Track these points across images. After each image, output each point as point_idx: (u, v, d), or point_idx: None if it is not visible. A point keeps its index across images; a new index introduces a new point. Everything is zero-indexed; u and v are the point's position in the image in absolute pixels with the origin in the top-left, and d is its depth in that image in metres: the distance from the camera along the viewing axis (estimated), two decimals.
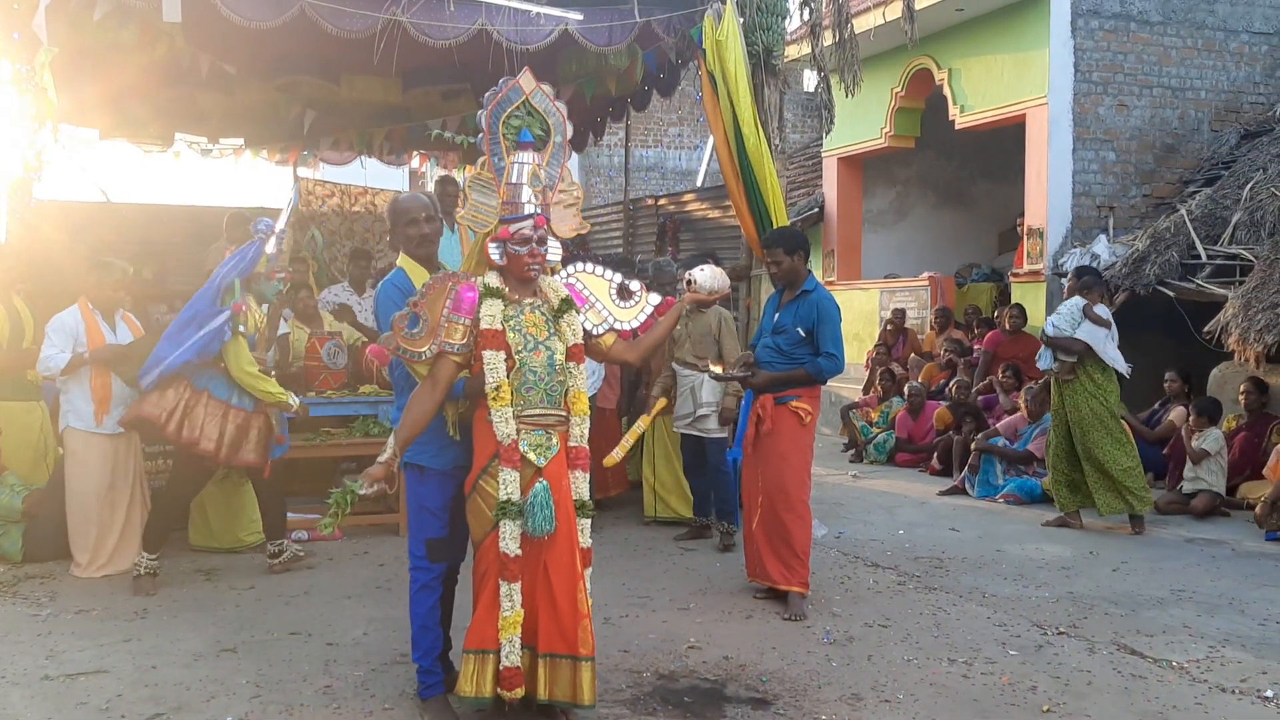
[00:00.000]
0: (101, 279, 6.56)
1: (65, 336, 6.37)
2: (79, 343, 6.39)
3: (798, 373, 5.85)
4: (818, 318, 5.83)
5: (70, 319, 6.44)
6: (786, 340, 5.90)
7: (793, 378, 5.86)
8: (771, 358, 5.94)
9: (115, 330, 6.58)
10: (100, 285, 6.55)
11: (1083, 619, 5.67)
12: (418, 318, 3.98)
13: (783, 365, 5.89)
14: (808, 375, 5.86)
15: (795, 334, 5.87)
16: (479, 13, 7.53)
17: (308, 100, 10.17)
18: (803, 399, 5.88)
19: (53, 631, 5.34)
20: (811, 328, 5.84)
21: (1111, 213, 11.48)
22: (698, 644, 5.19)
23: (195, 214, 11.59)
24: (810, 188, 15.90)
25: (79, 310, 6.48)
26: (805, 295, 5.93)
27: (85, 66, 8.56)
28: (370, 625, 5.44)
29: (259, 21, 7.18)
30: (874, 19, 11.67)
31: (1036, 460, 9.22)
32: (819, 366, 5.82)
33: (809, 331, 5.85)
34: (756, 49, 8.05)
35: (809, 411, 5.89)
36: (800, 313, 5.88)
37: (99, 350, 6.41)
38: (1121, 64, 11.55)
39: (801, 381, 5.88)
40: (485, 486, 3.99)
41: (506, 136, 4.07)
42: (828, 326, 5.83)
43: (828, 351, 5.80)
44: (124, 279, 6.70)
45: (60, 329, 6.39)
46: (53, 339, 6.37)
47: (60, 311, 6.52)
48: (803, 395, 5.89)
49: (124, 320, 6.72)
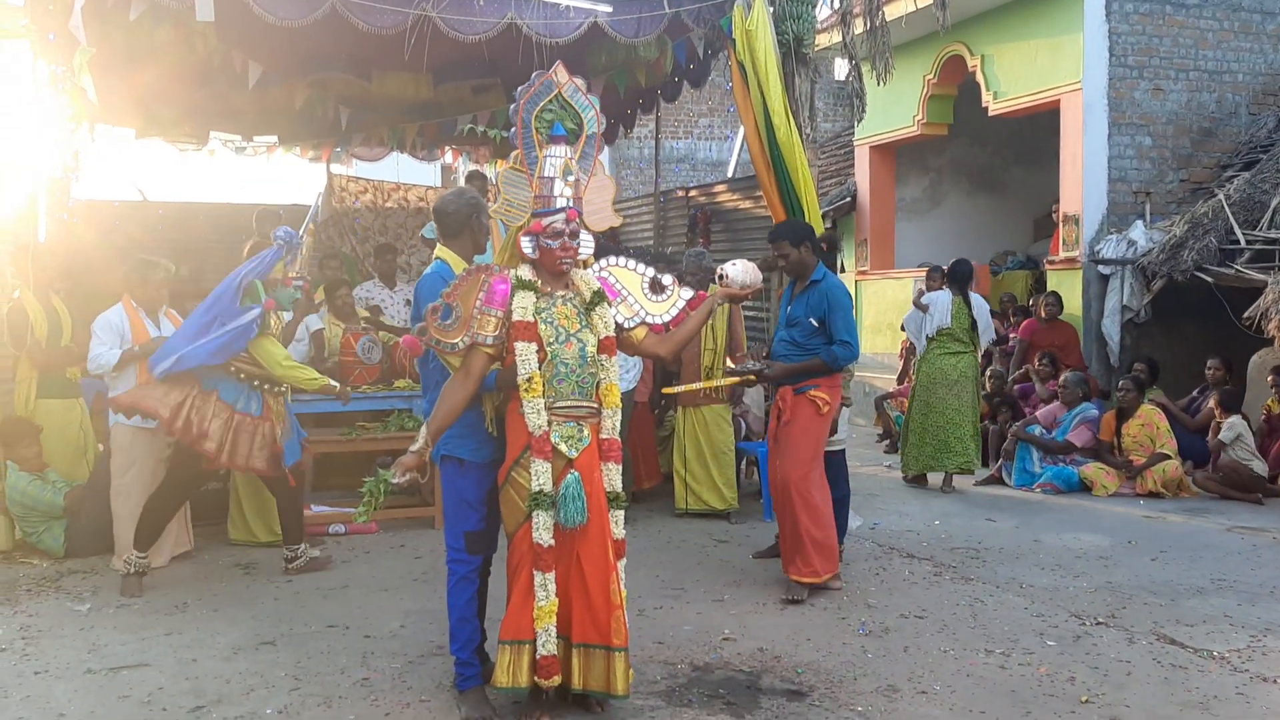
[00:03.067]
0: (147, 277, 6.61)
1: (112, 334, 6.44)
2: (125, 339, 6.45)
3: (814, 362, 5.88)
4: (828, 306, 5.87)
5: (115, 317, 6.50)
6: (801, 332, 5.95)
7: (808, 368, 5.89)
8: (788, 350, 5.99)
9: (159, 327, 6.64)
10: (145, 283, 6.60)
11: (1121, 609, 5.63)
12: (451, 309, 4.00)
13: (798, 356, 5.93)
14: (823, 364, 5.87)
15: (809, 325, 5.92)
16: (508, 6, 7.56)
17: (340, 97, 10.23)
18: (821, 388, 5.89)
19: (95, 625, 5.42)
20: (823, 317, 5.88)
21: (1148, 198, 11.33)
22: (732, 635, 5.19)
23: (230, 211, 11.74)
24: (843, 177, 15.80)
25: (123, 308, 6.55)
26: (814, 285, 5.97)
27: (120, 67, 8.65)
28: (407, 618, 5.48)
29: (291, 20, 7.24)
30: (905, 6, 11.55)
31: (1075, 449, 9.15)
32: (834, 354, 5.84)
33: (821, 321, 5.88)
34: (786, 38, 8.00)
35: (827, 401, 5.89)
36: (811, 303, 5.92)
37: (147, 344, 6.47)
38: (1157, 47, 11.39)
39: (819, 371, 5.90)
40: (518, 478, 4.01)
41: (539, 130, 4.08)
42: (839, 314, 5.86)
43: (841, 339, 5.84)
44: (168, 277, 6.77)
45: (107, 326, 6.45)
46: (101, 336, 6.42)
47: (102, 311, 6.59)
48: (821, 385, 5.90)
49: (167, 317, 6.79)
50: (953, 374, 8.91)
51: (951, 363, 8.94)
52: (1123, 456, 8.98)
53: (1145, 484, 8.70)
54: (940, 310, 8.95)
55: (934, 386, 8.95)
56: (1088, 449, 9.15)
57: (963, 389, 8.93)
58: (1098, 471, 8.86)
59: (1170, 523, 7.77)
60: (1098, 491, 8.74)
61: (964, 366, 8.97)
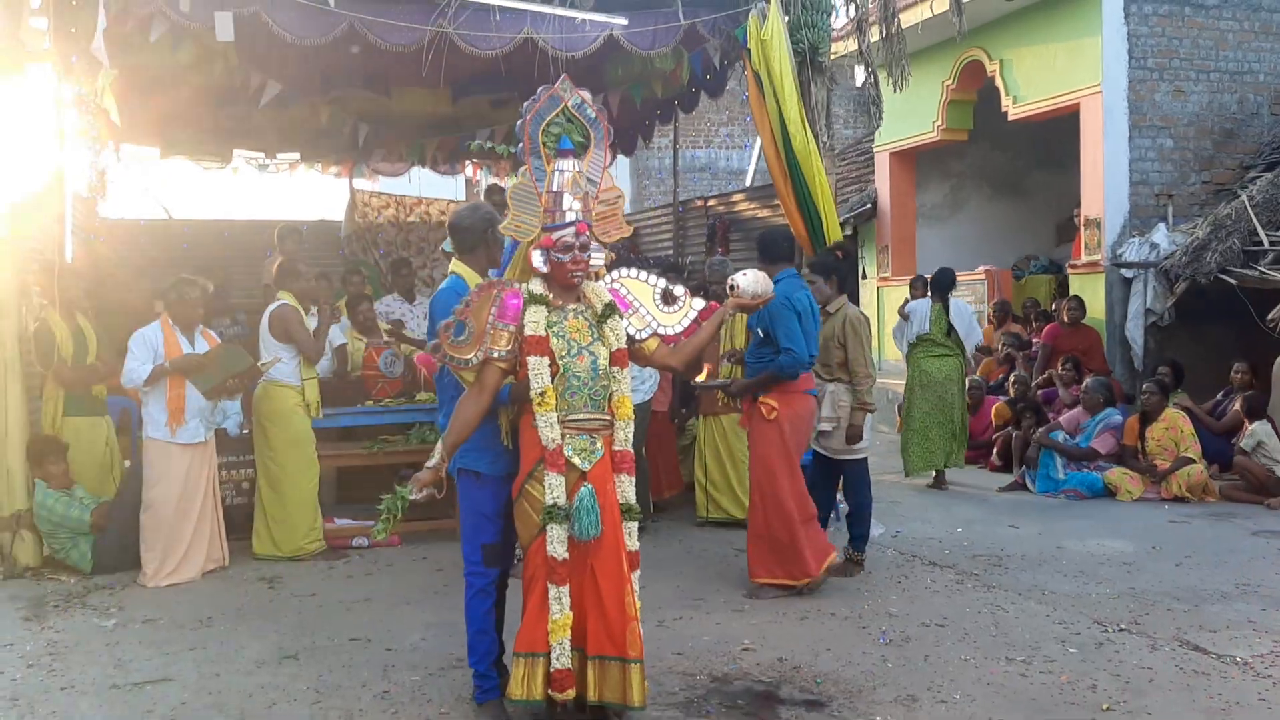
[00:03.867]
0: (184, 295, 6.76)
1: (146, 349, 6.59)
2: (158, 355, 6.59)
3: (765, 375, 6.06)
4: (769, 318, 5.99)
5: (151, 333, 6.67)
6: (754, 343, 6.20)
7: (762, 381, 6.09)
8: (749, 358, 6.29)
9: (194, 345, 6.77)
10: (182, 302, 6.75)
11: (1144, 615, 5.59)
12: (464, 325, 4.03)
13: (753, 364, 6.20)
14: (773, 376, 6.03)
15: (757, 335, 6.13)
16: (524, 21, 7.61)
17: (359, 114, 10.32)
18: (771, 395, 6.04)
19: (120, 641, 5.47)
20: (767, 328, 6.03)
21: (1170, 201, 11.27)
22: (752, 645, 5.19)
23: (255, 228, 11.82)
24: (864, 183, 15.79)
25: (160, 326, 6.70)
26: None
27: (143, 87, 8.77)
28: (428, 630, 5.51)
29: (309, 38, 7.32)
30: (921, 12, 11.56)
31: (1099, 456, 9.09)
32: (779, 365, 5.99)
33: (766, 332, 6.04)
34: (802, 47, 8.02)
35: (773, 408, 6.03)
36: (760, 313, 5.98)
37: (177, 360, 6.60)
38: (1177, 49, 11.33)
39: (773, 382, 6.05)
40: (531, 491, 4.03)
41: (546, 145, 4.10)
42: (779, 324, 5.99)
43: (784, 347, 5.96)
44: (205, 296, 6.89)
45: (142, 342, 6.61)
46: (135, 352, 6.58)
47: (130, 328, 6.75)
48: (772, 393, 6.05)
49: (202, 336, 6.89)
50: (938, 375, 9.34)
51: (936, 365, 9.35)
52: (1147, 461, 8.92)
53: (1170, 488, 8.64)
54: (919, 318, 9.42)
55: (917, 388, 9.40)
56: (1111, 456, 9.08)
57: (945, 389, 9.35)
58: (1122, 476, 8.80)
59: (1195, 527, 7.72)
60: (1122, 496, 8.69)
61: (948, 369, 9.38)
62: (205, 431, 6.75)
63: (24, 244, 6.98)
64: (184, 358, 6.62)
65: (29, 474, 6.78)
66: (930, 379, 9.33)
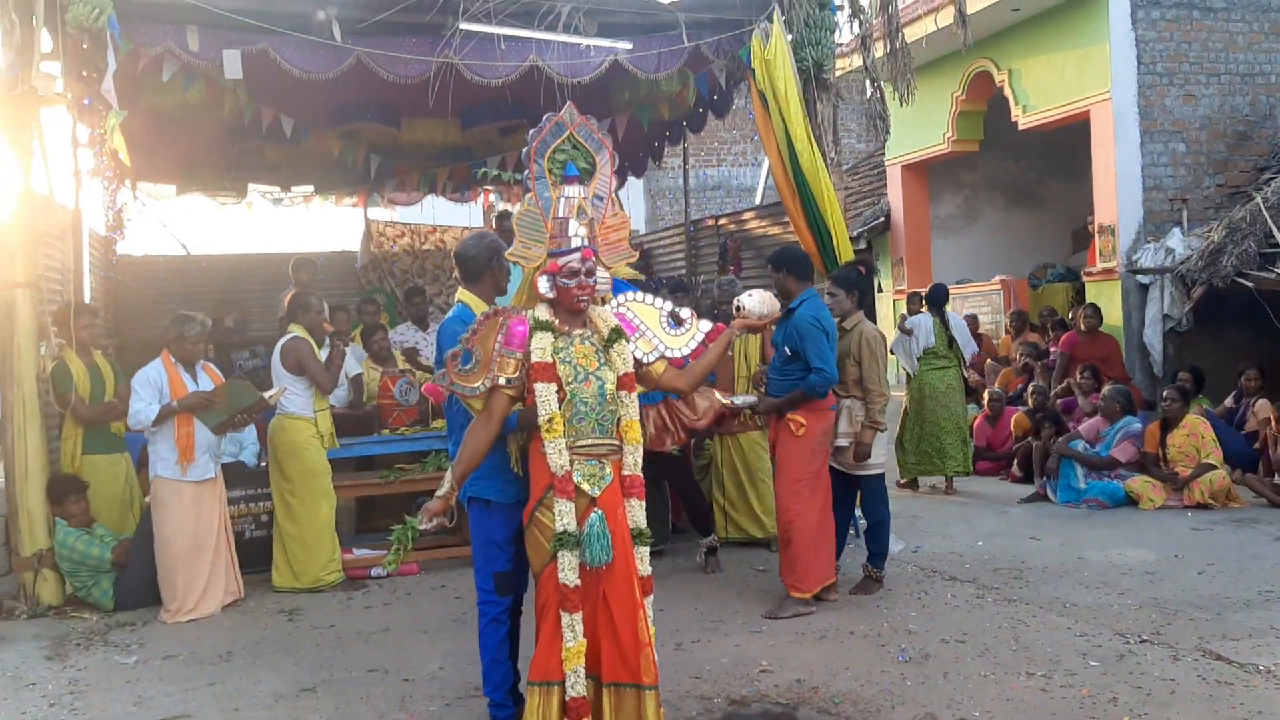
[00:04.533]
0: (183, 332, 6.78)
1: (151, 389, 6.61)
2: (164, 394, 6.61)
3: (795, 394, 6.12)
4: (799, 336, 6.05)
5: (154, 372, 6.68)
6: (778, 359, 6.24)
7: (791, 400, 6.14)
8: (773, 375, 6.30)
9: (197, 381, 6.80)
10: (181, 339, 6.77)
11: (1166, 625, 5.54)
12: (470, 353, 4.05)
13: (779, 382, 6.21)
14: (802, 395, 6.09)
15: (783, 352, 6.17)
16: (529, 49, 7.67)
17: (371, 145, 10.41)
18: (799, 412, 6.11)
19: (141, 678, 5.50)
20: (795, 347, 6.07)
21: (1185, 205, 11.22)
22: (770, 667, 5.16)
23: (272, 261, 11.90)
24: (877, 197, 15.78)
25: (162, 363, 6.72)
26: (790, 314, 6.15)
27: (158, 126, 8.89)
28: (446, 659, 5.51)
29: (318, 73, 7.41)
30: (926, 26, 11.58)
31: (1120, 465, 9.02)
32: (810, 384, 6.05)
33: (795, 350, 6.08)
34: (806, 65, 8.05)
35: (801, 424, 6.11)
36: (786, 332, 6.14)
37: (186, 398, 6.63)
38: (1186, 53, 11.30)
39: (802, 400, 6.11)
40: (541, 518, 4.02)
41: (552, 171, 4.12)
42: (809, 343, 6.03)
43: (815, 367, 6.01)
44: (204, 332, 6.92)
45: (146, 382, 6.63)
46: (139, 393, 6.60)
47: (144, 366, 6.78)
48: (799, 410, 6.12)
49: (205, 371, 6.93)
50: (940, 386, 9.65)
51: (938, 376, 9.67)
52: (1169, 468, 8.84)
53: (1193, 495, 8.56)
54: (924, 332, 9.73)
55: (925, 400, 9.67)
56: (1132, 464, 9.01)
57: (950, 399, 9.70)
58: (1144, 485, 8.73)
59: (1217, 534, 7.65)
60: (1144, 505, 8.61)
61: (949, 379, 9.75)
62: (214, 467, 6.79)
63: (42, 284, 7.04)
64: (193, 395, 6.65)
65: (49, 513, 6.82)
66: (935, 390, 9.62)
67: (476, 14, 7.47)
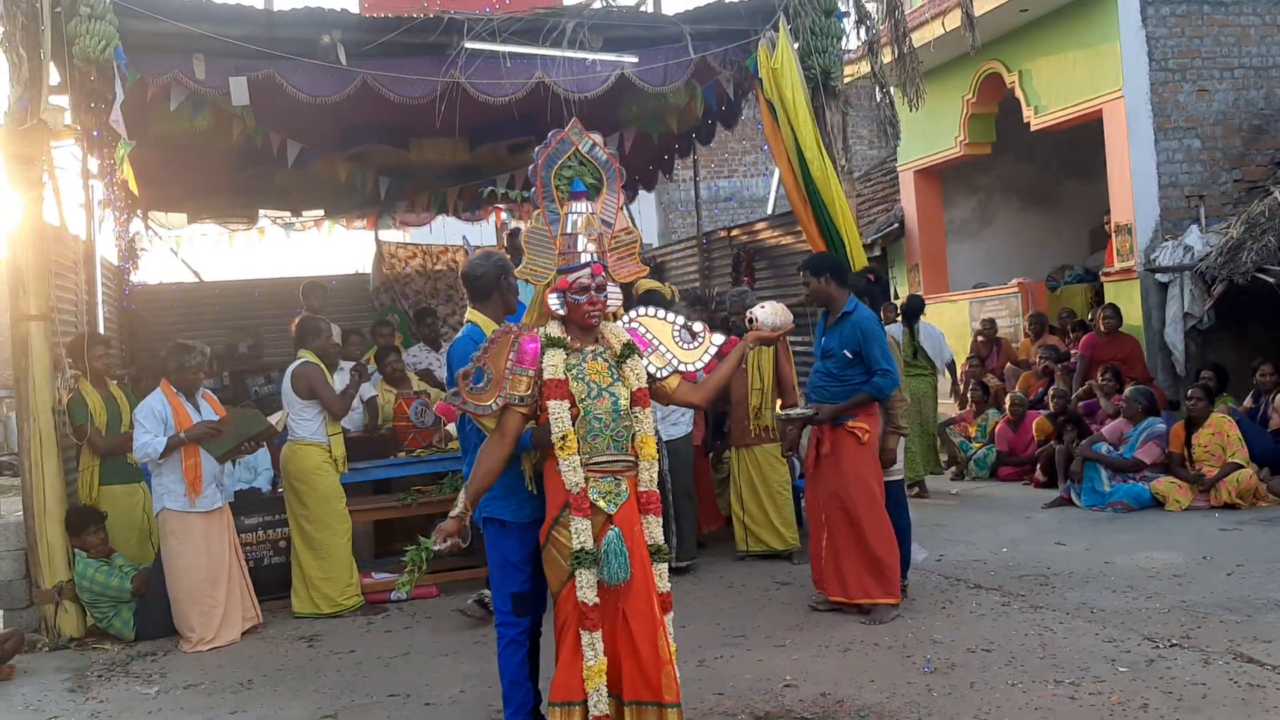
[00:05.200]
0: (183, 362, 6.77)
1: (155, 421, 6.59)
2: (168, 425, 6.59)
3: (859, 398, 6.05)
4: (862, 337, 6.03)
5: (157, 403, 6.66)
6: (836, 364, 6.13)
7: (855, 404, 6.07)
8: (824, 382, 6.18)
9: (199, 409, 6.79)
10: (181, 369, 6.76)
11: (1196, 629, 5.44)
12: (482, 372, 4.01)
13: (836, 388, 6.10)
14: (868, 398, 6.05)
15: (843, 357, 6.09)
16: (535, 66, 7.66)
17: (380, 167, 10.41)
18: (859, 418, 6.06)
19: (163, 708, 5.47)
20: (857, 349, 6.03)
21: (1202, 201, 11.11)
22: (794, 681, 5.10)
23: (284, 285, 11.91)
24: (890, 203, 15.72)
25: (163, 394, 6.70)
26: (846, 317, 6.13)
27: (167, 155, 8.92)
28: (467, 682, 5.46)
29: (324, 96, 7.42)
30: (934, 30, 11.52)
31: (1144, 466, 8.91)
32: (878, 386, 6.01)
33: (856, 353, 6.04)
34: (814, 72, 8.02)
35: (866, 429, 6.07)
36: (844, 335, 6.09)
37: (193, 429, 6.61)
38: (1198, 49, 11.21)
39: (866, 404, 6.07)
40: (558, 537, 3.98)
41: (559, 188, 4.10)
42: (874, 344, 6.02)
43: (881, 369, 6.00)
44: (203, 361, 6.90)
45: (150, 414, 6.61)
46: (144, 425, 6.57)
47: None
48: (858, 415, 6.06)
49: (205, 399, 6.92)
50: (914, 393, 9.87)
51: (911, 384, 9.72)
52: (1194, 468, 8.73)
53: (1219, 496, 8.43)
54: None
55: None
56: (1157, 465, 8.90)
57: (923, 405, 10.27)
58: (1170, 486, 8.61)
59: (1246, 535, 7.54)
60: (1171, 506, 8.50)
61: (923, 387, 10.34)
62: (220, 496, 6.77)
63: (56, 316, 7.05)
64: (200, 426, 6.63)
65: (69, 545, 6.81)
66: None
67: (481, 33, 7.48)
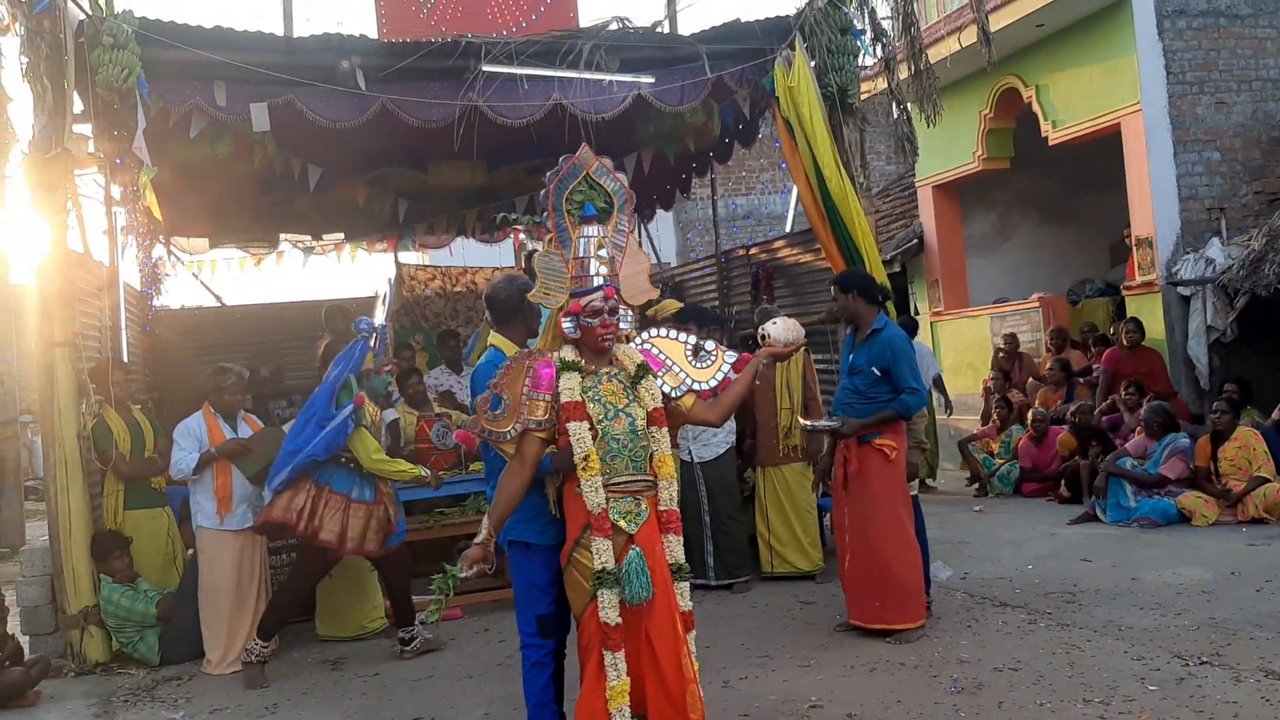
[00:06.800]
0: (219, 384, 6.85)
1: (191, 439, 6.70)
2: (203, 444, 6.69)
3: (885, 414, 6.00)
4: (891, 355, 5.99)
5: (195, 423, 6.78)
6: (863, 380, 6.08)
7: (881, 420, 6.01)
8: (851, 399, 6.13)
9: (237, 431, 6.87)
10: (219, 390, 6.84)
11: (1226, 646, 5.38)
12: (499, 399, 4.03)
13: (862, 405, 6.05)
14: (895, 415, 6.00)
15: (871, 374, 6.04)
16: (552, 88, 7.70)
17: (398, 190, 10.48)
18: (885, 436, 6.01)
19: None
20: (886, 366, 5.99)
21: (1223, 214, 11.03)
22: (820, 702, 5.06)
23: (305, 310, 11.97)
24: (909, 219, 15.67)
25: (203, 415, 6.80)
26: (875, 335, 6.10)
27: (189, 181, 8.98)
28: (492, 705, 5.46)
29: (344, 121, 7.47)
30: (950, 45, 11.47)
31: (1169, 482, 8.83)
32: (905, 404, 5.98)
33: (884, 371, 6.00)
34: (831, 90, 8.02)
35: (894, 448, 6.02)
36: (873, 352, 6.05)
37: (223, 445, 6.70)
38: (1215, 61, 11.15)
39: (892, 421, 6.02)
40: (580, 558, 3.98)
41: (570, 212, 4.13)
42: (903, 362, 5.98)
43: (909, 386, 5.96)
44: (241, 383, 6.97)
45: (186, 433, 6.73)
46: (180, 443, 6.70)
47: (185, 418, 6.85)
48: (885, 432, 6.01)
49: (245, 421, 6.98)
50: None
51: None
52: (1221, 482, 8.65)
53: (1247, 510, 8.35)
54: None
55: None
56: (1183, 480, 8.82)
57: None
58: (1196, 500, 8.53)
59: (1275, 550, 7.45)
60: (1197, 521, 8.42)
61: None
62: (253, 517, 6.79)
63: (80, 342, 7.10)
64: (230, 442, 6.73)
65: (94, 570, 6.85)
66: None
67: (498, 56, 7.52)
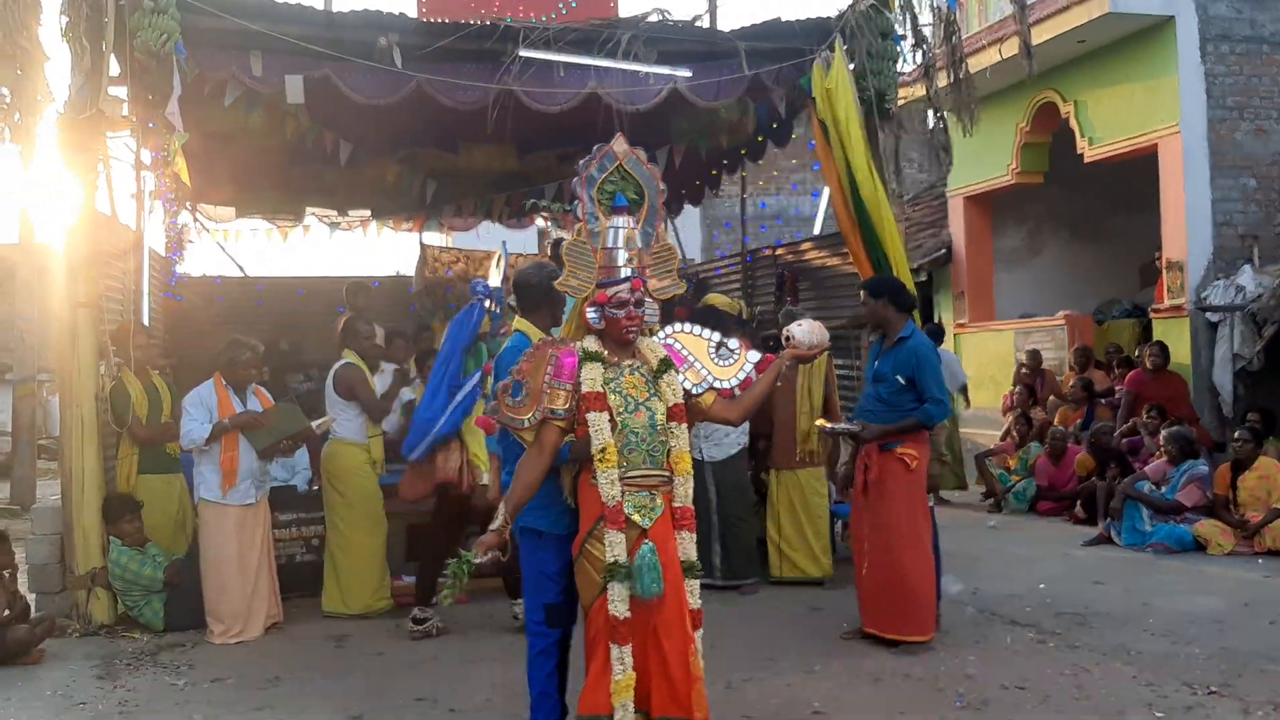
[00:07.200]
0: (234, 357, 6.83)
1: (202, 409, 6.67)
2: (213, 415, 6.67)
3: (908, 422, 5.95)
4: (917, 364, 5.94)
5: (206, 393, 6.75)
6: (887, 388, 6.03)
7: (903, 428, 5.95)
8: (874, 406, 6.08)
9: (246, 405, 6.83)
10: (233, 364, 6.82)
11: (1236, 677, 5.32)
12: (520, 386, 4.00)
13: (885, 413, 5.99)
14: (917, 424, 5.95)
15: (895, 382, 5.99)
16: (589, 76, 7.65)
17: (429, 170, 10.45)
18: (907, 444, 5.95)
19: (190, 700, 5.48)
20: (911, 375, 5.94)
21: (1256, 242, 10.92)
22: (823, 709, 5.03)
23: (327, 284, 11.92)
24: (938, 228, 15.57)
25: (214, 385, 6.77)
26: (902, 343, 6.05)
27: (219, 148, 8.98)
28: (494, 690, 5.44)
29: (379, 98, 7.43)
30: (991, 56, 11.40)
31: (1186, 509, 8.74)
32: (928, 413, 5.93)
33: (909, 379, 5.95)
34: (868, 94, 7.95)
35: (915, 456, 5.96)
36: (899, 360, 6.00)
37: (236, 416, 6.68)
38: (1256, 88, 11.04)
39: (912, 430, 5.96)
40: (592, 550, 3.96)
41: (601, 202, 4.10)
42: (928, 372, 5.94)
43: (933, 397, 5.92)
44: (255, 357, 6.95)
45: (197, 403, 6.70)
46: (191, 413, 6.66)
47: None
48: (907, 441, 5.96)
49: (255, 395, 6.95)
50: None
51: None
52: (1239, 511, 8.56)
53: (1264, 542, 8.26)
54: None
55: None
56: (1199, 508, 8.73)
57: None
58: (1212, 529, 8.45)
59: None
60: (1213, 550, 8.34)
61: None
62: (256, 493, 6.78)
63: (103, 304, 7.11)
64: (242, 414, 6.71)
65: (104, 532, 6.86)
66: None
67: (536, 41, 7.47)
